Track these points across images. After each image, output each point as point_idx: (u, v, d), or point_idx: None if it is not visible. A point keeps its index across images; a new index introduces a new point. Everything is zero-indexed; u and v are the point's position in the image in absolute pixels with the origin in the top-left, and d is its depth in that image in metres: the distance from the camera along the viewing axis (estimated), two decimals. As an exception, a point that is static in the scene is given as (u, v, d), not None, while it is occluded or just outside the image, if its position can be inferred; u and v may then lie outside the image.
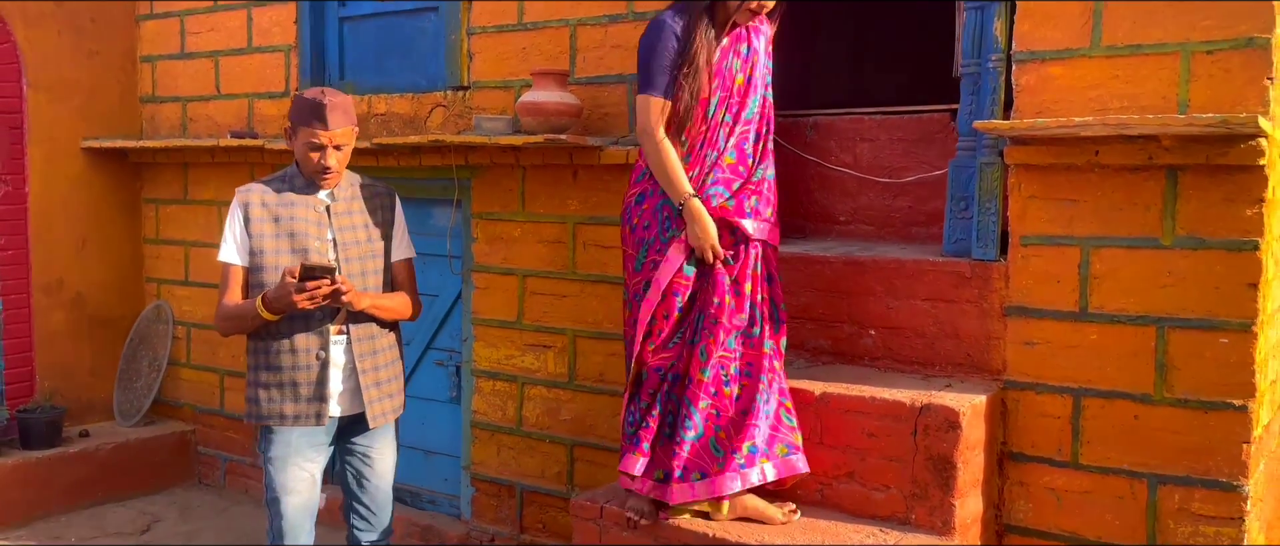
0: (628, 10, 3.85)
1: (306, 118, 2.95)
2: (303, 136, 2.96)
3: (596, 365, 3.99)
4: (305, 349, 2.98)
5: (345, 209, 3.09)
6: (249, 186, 3.07)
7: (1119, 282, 2.93)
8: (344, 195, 3.11)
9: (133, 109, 5.51)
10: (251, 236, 2.99)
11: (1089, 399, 2.99)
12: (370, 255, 3.10)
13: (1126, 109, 2.88)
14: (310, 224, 3.02)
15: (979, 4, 3.16)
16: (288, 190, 3.05)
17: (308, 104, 2.95)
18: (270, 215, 3.00)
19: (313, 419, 3.00)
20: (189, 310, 5.40)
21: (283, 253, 2.98)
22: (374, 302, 3.03)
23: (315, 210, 3.04)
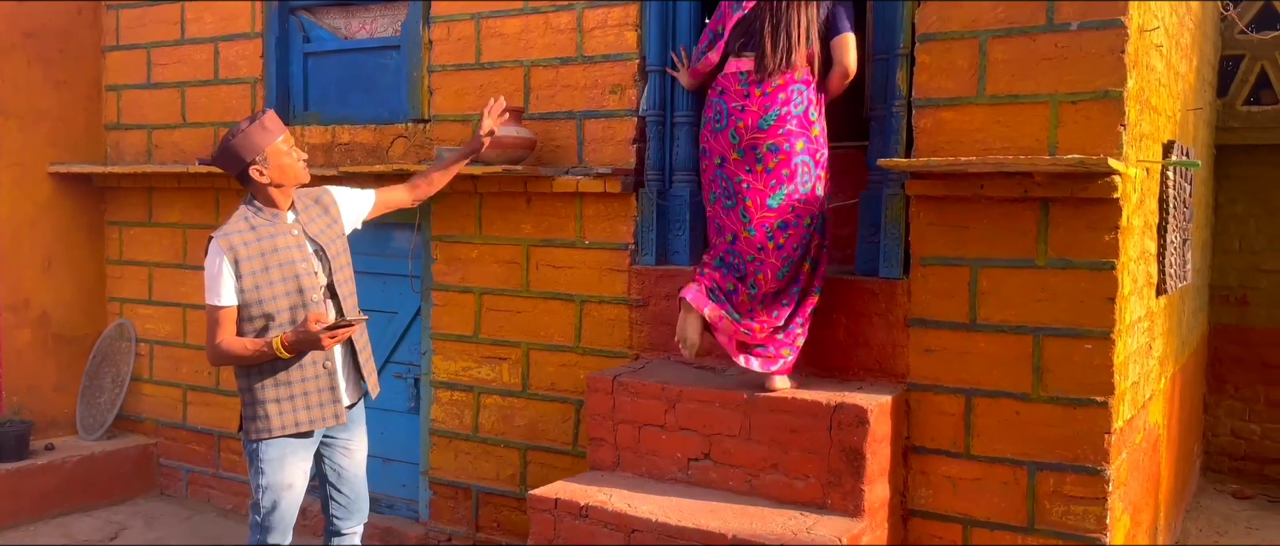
0: (577, 53, 4.26)
1: (269, 136, 3.16)
2: (278, 152, 3.17)
3: (548, 375, 4.37)
4: (313, 361, 3.22)
5: (309, 218, 3.32)
6: (225, 233, 3.17)
7: (1002, 297, 3.41)
8: (301, 207, 3.32)
9: (98, 136, 5.75)
10: (242, 277, 3.13)
11: (978, 398, 3.47)
12: (342, 251, 3.36)
13: (1007, 149, 3.37)
14: (294, 249, 3.23)
15: (885, 57, 3.65)
16: (261, 225, 3.21)
17: (258, 126, 3.16)
18: (257, 254, 3.16)
19: (332, 419, 3.28)
20: (152, 328, 5.64)
21: (277, 284, 3.17)
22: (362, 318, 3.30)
23: (292, 235, 3.25)
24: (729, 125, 3.49)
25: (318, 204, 3.39)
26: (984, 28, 3.40)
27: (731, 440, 3.52)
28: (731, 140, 3.49)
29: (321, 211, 3.38)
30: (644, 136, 4.16)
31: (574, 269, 4.31)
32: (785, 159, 3.44)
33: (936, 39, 3.49)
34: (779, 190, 3.45)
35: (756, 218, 3.47)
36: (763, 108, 3.43)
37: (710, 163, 3.60)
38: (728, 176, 3.53)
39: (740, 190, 3.49)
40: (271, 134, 3.18)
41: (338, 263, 3.33)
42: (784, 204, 3.45)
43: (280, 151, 3.19)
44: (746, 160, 3.47)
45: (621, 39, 4.15)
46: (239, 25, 5.21)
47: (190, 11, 5.39)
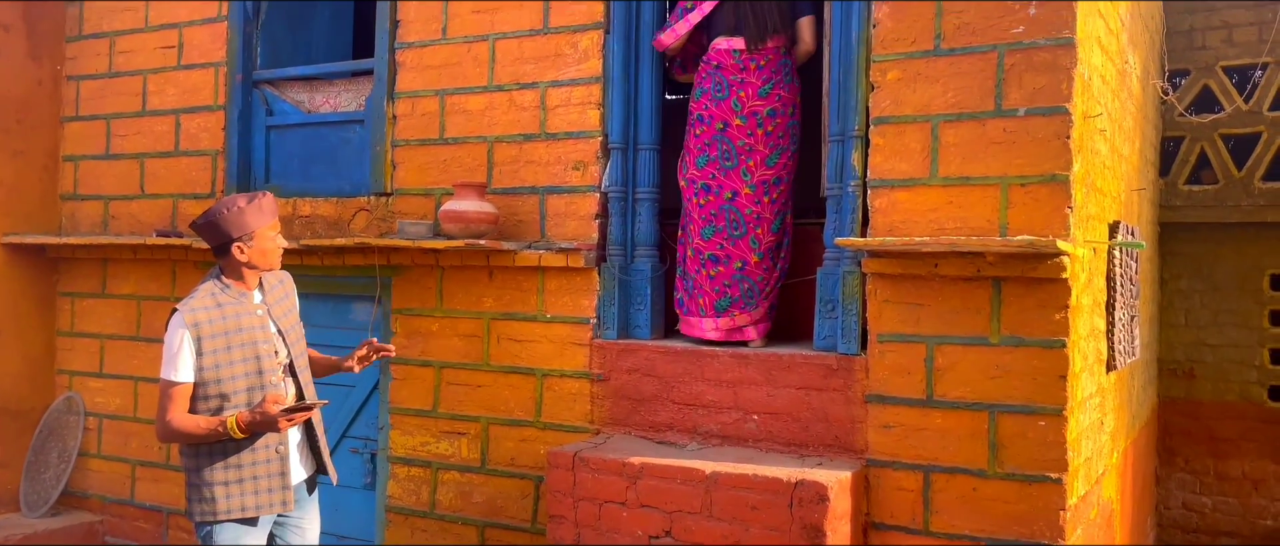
0: (540, 130, 4.32)
1: (263, 218, 3.18)
2: (265, 236, 3.18)
3: (508, 450, 4.34)
4: (265, 444, 3.16)
5: (274, 299, 3.31)
6: (191, 309, 3.12)
7: (958, 374, 3.47)
8: (268, 287, 3.31)
9: (53, 206, 5.69)
10: (203, 354, 3.08)
11: (936, 474, 3.50)
12: (301, 331, 3.37)
13: (960, 229, 3.46)
14: (258, 330, 3.19)
15: (840, 138, 3.75)
16: (227, 303, 3.17)
17: (255, 207, 3.16)
18: (221, 331, 3.12)
19: (279, 506, 3.20)
20: (102, 402, 5.52)
21: (237, 364, 3.13)
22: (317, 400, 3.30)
23: (257, 315, 3.22)
24: (731, 95, 4.01)
25: (282, 285, 3.39)
26: (936, 112, 3.52)
27: (692, 517, 3.51)
28: (734, 107, 4.01)
29: (284, 294, 3.38)
30: (606, 212, 4.21)
31: (535, 343, 4.32)
32: (781, 123, 4.02)
33: (890, 122, 3.60)
34: (776, 151, 4.01)
35: (757, 175, 4.01)
36: (761, 79, 4.00)
37: (709, 129, 4.05)
38: (730, 140, 4.02)
39: (742, 151, 4.01)
40: (266, 217, 3.19)
41: (297, 348, 3.32)
42: (779, 163, 4.02)
43: (267, 236, 3.19)
44: (749, 125, 4.00)
45: (584, 117, 4.22)
46: (202, 98, 5.22)
47: (153, 83, 5.39)
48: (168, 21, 5.36)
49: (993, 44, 3.43)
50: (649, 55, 4.22)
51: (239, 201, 3.16)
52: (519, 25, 4.36)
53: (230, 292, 3.20)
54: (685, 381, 3.97)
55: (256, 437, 3.15)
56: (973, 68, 3.47)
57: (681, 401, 3.98)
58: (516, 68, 4.37)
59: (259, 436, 3.15)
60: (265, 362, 3.18)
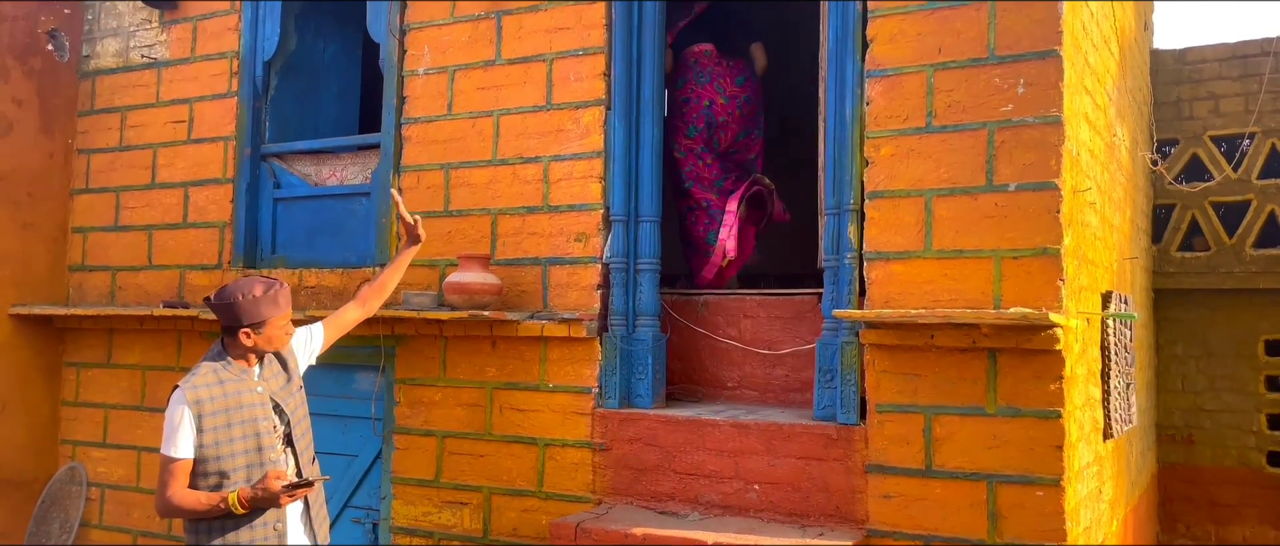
0: (543, 203, 4.42)
1: (277, 311, 3.25)
2: (275, 326, 3.25)
3: (510, 520, 4.35)
4: (263, 521, 3.17)
5: (271, 373, 3.34)
6: (193, 386, 3.16)
7: (956, 444, 3.52)
8: (266, 361, 3.34)
9: (61, 277, 5.77)
10: (203, 431, 3.12)
11: (937, 544, 3.52)
12: (300, 404, 3.39)
13: (955, 301, 3.53)
14: (257, 406, 3.24)
15: (836, 211, 3.84)
16: (229, 381, 3.21)
17: (271, 298, 3.22)
18: (221, 409, 3.16)
19: None
20: (104, 472, 5.54)
21: (237, 441, 3.17)
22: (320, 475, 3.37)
23: (256, 392, 3.26)
24: (713, 82, 4.89)
25: (278, 358, 3.41)
26: (929, 187, 3.61)
27: (695, 588, 3.52)
28: (717, 90, 4.90)
29: (281, 367, 3.40)
30: (608, 282, 4.28)
31: (537, 412, 4.36)
32: (751, 110, 5.02)
33: (885, 196, 3.69)
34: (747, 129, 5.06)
35: (739, 142, 5.05)
36: (734, 73, 4.94)
37: (697, 106, 4.88)
38: (714, 115, 4.90)
39: (729, 125, 4.94)
40: (280, 310, 3.25)
41: (295, 416, 3.35)
42: (748, 138, 5.08)
43: (278, 326, 3.26)
44: (732, 104, 4.91)
45: (587, 190, 4.32)
46: (211, 171, 5.33)
47: (163, 157, 5.51)
48: (179, 96, 5.49)
49: (983, 121, 3.54)
50: (650, 130, 4.33)
51: (256, 289, 3.21)
52: (523, 101, 4.48)
53: (232, 369, 3.25)
54: (686, 451, 4.00)
55: (257, 514, 3.16)
56: (964, 144, 3.57)
57: (683, 471, 4.01)
58: (520, 142, 4.48)
59: (259, 513, 3.16)
60: (265, 440, 3.22)
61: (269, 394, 3.30)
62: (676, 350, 4.53)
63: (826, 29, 3.97)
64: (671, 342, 4.45)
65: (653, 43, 4.34)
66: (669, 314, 4.51)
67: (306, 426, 3.43)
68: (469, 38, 4.64)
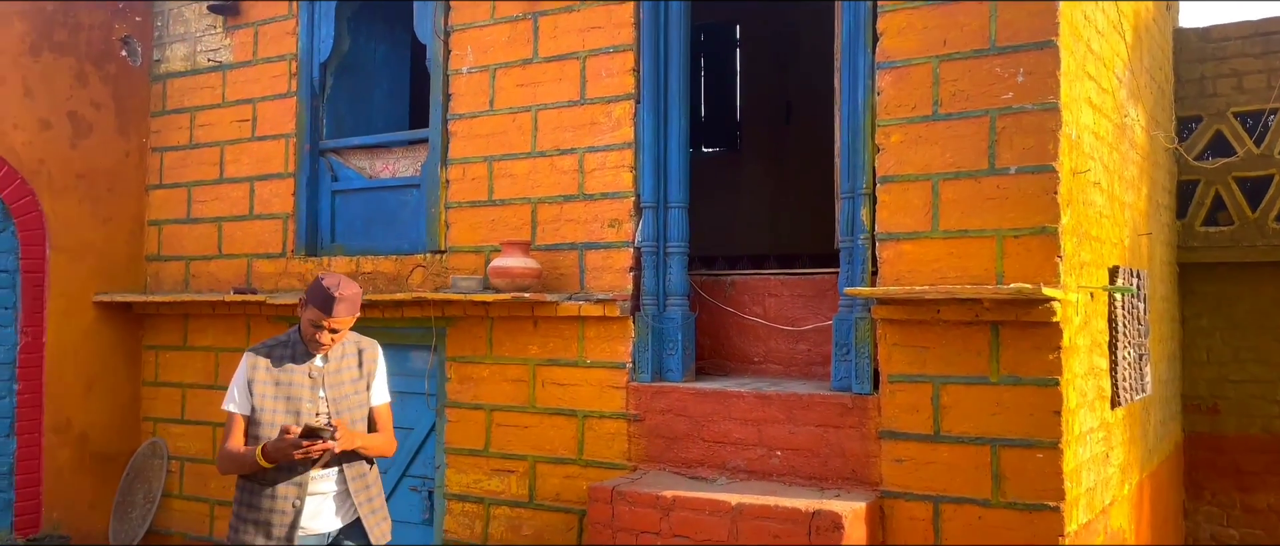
0: (579, 192, 4.73)
1: (318, 301, 3.38)
2: (310, 315, 3.40)
3: (553, 486, 4.70)
4: (284, 496, 3.36)
5: (335, 368, 3.51)
6: (254, 351, 3.48)
7: (962, 411, 3.78)
8: (335, 356, 3.52)
9: (139, 267, 6.24)
10: (253, 395, 3.41)
11: (945, 504, 3.79)
12: (356, 406, 3.54)
13: (960, 278, 3.79)
14: (304, 388, 3.45)
15: (850, 195, 4.10)
16: (287, 357, 3.47)
17: (322, 292, 3.37)
18: (272, 379, 3.43)
19: None
20: (183, 446, 6.00)
21: (279, 412, 3.40)
22: (364, 442, 3.47)
23: (310, 376, 3.47)
24: None
25: (356, 358, 3.57)
26: (936, 171, 3.86)
27: None
28: None
29: (352, 366, 3.56)
30: (640, 265, 4.59)
31: (577, 386, 4.69)
32: None
33: (895, 180, 3.94)
34: None
35: None
36: None
37: None
38: None
39: None
40: (321, 307, 3.37)
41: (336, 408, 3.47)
42: None
43: (313, 320, 3.39)
44: None
45: (619, 179, 4.63)
46: (273, 166, 5.74)
47: (229, 154, 5.93)
48: (243, 97, 5.90)
49: (985, 109, 3.78)
50: (677, 121, 4.62)
51: (322, 281, 3.40)
52: (559, 97, 4.79)
53: (296, 349, 3.50)
54: (714, 420, 4.31)
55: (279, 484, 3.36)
56: (968, 131, 3.81)
57: (711, 439, 4.32)
58: (557, 135, 4.80)
59: (282, 483, 3.36)
60: (303, 418, 3.39)
61: (320, 379, 3.47)
62: (705, 327, 4.83)
63: (840, 24, 4.22)
64: (700, 320, 4.76)
65: (679, 39, 4.62)
66: (698, 293, 4.81)
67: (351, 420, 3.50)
68: (508, 38, 4.96)
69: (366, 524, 3.50)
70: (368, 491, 3.53)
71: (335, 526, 3.49)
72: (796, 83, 8.11)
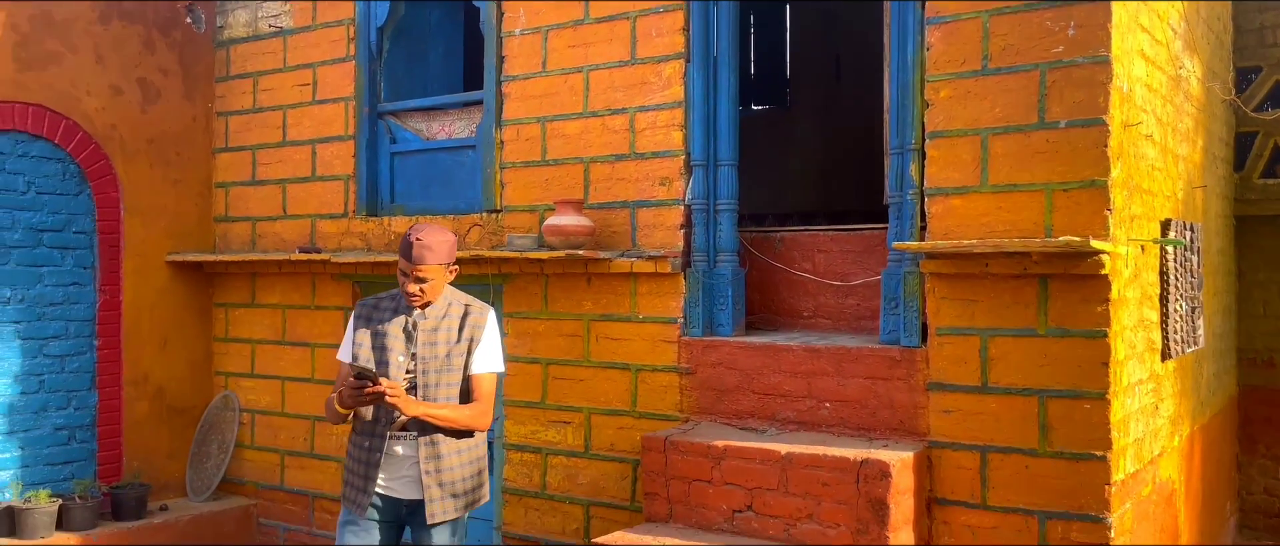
0: (630, 151, 4.83)
1: (402, 249, 3.42)
2: (400, 264, 3.44)
3: (608, 437, 4.86)
4: (368, 447, 3.43)
5: (432, 326, 3.47)
6: (366, 301, 3.59)
7: (1010, 363, 3.84)
8: (435, 315, 3.49)
9: (208, 227, 6.48)
10: (357, 342, 3.49)
11: (992, 454, 3.87)
12: (445, 369, 3.45)
13: (1009, 232, 3.83)
14: (396, 339, 3.46)
15: (900, 151, 4.15)
16: (390, 308, 3.52)
17: (405, 240, 3.41)
18: (371, 330, 3.50)
19: (359, 508, 3.44)
20: (253, 399, 6.27)
21: (371, 361, 3.42)
22: (426, 412, 3.35)
23: (404, 330, 3.48)
24: None
25: (458, 320, 3.50)
26: (985, 126, 3.89)
27: (770, 493, 3.96)
28: None
29: (452, 326, 3.49)
30: (690, 222, 4.69)
31: (630, 341, 4.82)
32: None
33: (944, 136, 3.98)
34: None
35: None
36: None
37: None
38: None
39: None
40: (403, 254, 3.41)
41: (423, 367, 3.44)
42: None
43: (399, 268, 3.45)
44: None
45: (669, 138, 4.71)
46: (334, 129, 5.91)
47: (291, 117, 6.11)
48: (303, 62, 6.06)
49: (1035, 63, 3.79)
50: (727, 80, 4.68)
51: (409, 230, 3.44)
52: (609, 57, 4.87)
53: (399, 303, 3.53)
54: (764, 373, 4.41)
55: (364, 436, 3.44)
56: (1017, 85, 3.83)
57: (761, 391, 4.43)
58: (608, 95, 4.88)
59: (365, 437, 3.43)
60: (391, 369, 3.42)
61: (414, 334, 3.46)
62: (755, 283, 4.92)
63: (889, -20, 4.24)
64: (750, 276, 4.85)
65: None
66: (747, 250, 4.90)
67: (438, 381, 3.45)
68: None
69: (426, 496, 3.39)
70: (437, 461, 3.41)
71: (414, 497, 3.42)
72: (846, 39, 8.09)
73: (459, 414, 3.45)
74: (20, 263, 5.55)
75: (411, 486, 3.42)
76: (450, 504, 3.44)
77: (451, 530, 3.51)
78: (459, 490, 3.46)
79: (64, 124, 5.73)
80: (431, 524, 3.41)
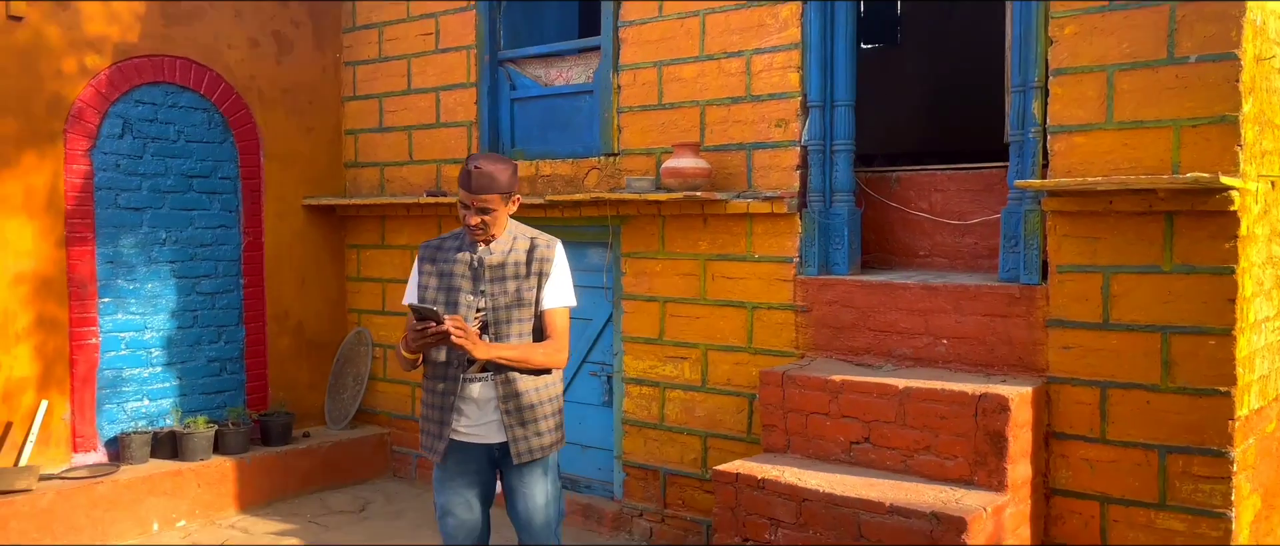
0: (746, 93, 4.92)
1: (461, 179, 3.27)
2: (459, 196, 3.28)
3: (724, 372, 5.03)
4: (442, 391, 3.30)
5: (498, 262, 3.30)
6: (429, 243, 3.44)
7: (1132, 300, 3.85)
8: (501, 250, 3.32)
9: (339, 173, 6.83)
10: (423, 285, 3.36)
11: (1112, 389, 3.91)
12: (515, 305, 3.29)
13: (1134, 169, 3.82)
14: (462, 278, 3.31)
15: (1022, 89, 4.15)
16: (454, 247, 3.37)
17: (464, 168, 3.25)
18: (436, 269, 3.36)
19: (435, 455, 3.34)
20: (384, 335, 6.65)
21: (439, 304, 3.28)
22: (498, 354, 3.20)
23: (469, 266, 3.32)
24: None
25: (525, 255, 3.34)
26: (1111, 62, 3.86)
27: (888, 426, 4.08)
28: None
29: (520, 262, 3.33)
30: (806, 163, 4.78)
31: (745, 280, 4.97)
32: None
33: (1068, 73, 3.97)
34: None
35: None
36: None
37: None
38: None
39: None
40: (461, 183, 3.28)
41: (493, 304, 3.30)
42: None
43: (463, 206, 3.29)
44: None
45: (785, 79, 4.78)
46: (456, 77, 6.14)
47: (415, 66, 6.37)
48: (426, 12, 6.30)
49: (1165, -3, 3.74)
50: (844, 19, 4.72)
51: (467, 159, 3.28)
52: (725, 0, 4.95)
53: (463, 240, 3.38)
54: (880, 311, 4.51)
55: (437, 381, 3.32)
56: (1146, 20, 3.78)
57: (876, 328, 4.53)
58: (724, 38, 4.97)
59: (439, 381, 3.31)
60: (463, 311, 3.26)
61: (481, 271, 3.30)
62: (870, 223, 5.00)
63: (1013, -85, 4.20)
64: (866, 216, 4.92)
65: (845, -63, 4.69)
66: (863, 190, 4.97)
67: (509, 318, 3.31)
68: (676, -56, 5.13)
69: (510, 436, 3.29)
70: (516, 399, 3.28)
71: (499, 440, 3.32)
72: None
73: (532, 353, 3.29)
74: (174, 207, 5.98)
75: (494, 429, 3.29)
76: (536, 441, 3.32)
77: (542, 468, 3.38)
78: (542, 428, 3.33)
79: (208, 75, 6.11)
80: (519, 462, 3.31)
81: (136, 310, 5.80)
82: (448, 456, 3.34)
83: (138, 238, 5.80)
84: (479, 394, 3.28)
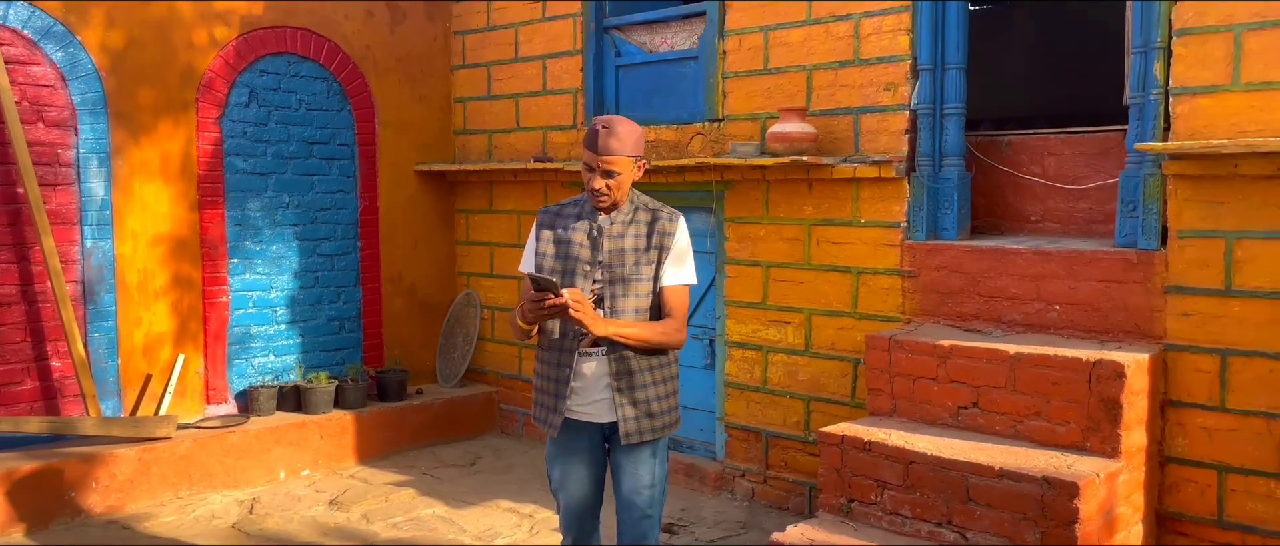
0: (854, 57, 4.90)
1: (587, 140, 3.09)
2: (584, 157, 3.12)
3: (828, 336, 5.07)
4: (557, 364, 3.15)
5: (619, 232, 3.15)
6: (547, 209, 3.28)
7: (1257, 266, 3.75)
8: (622, 220, 3.16)
9: (448, 140, 7.03)
10: (539, 253, 3.21)
11: (1233, 357, 3.83)
12: (634, 279, 3.13)
13: (1261, 131, 3.70)
14: (581, 247, 3.15)
15: (1143, 50, 4.05)
16: (573, 214, 3.22)
17: (590, 128, 3.09)
18: (554, 236, 3.20)
19: (551, 429, 3.20)
20: (492, 297, 6.85)
21: (556, 272, 3.15)
22: (616, 331, 3.04)
23: (588, 235, 3.16)
24: None
25: (645, 226, 3.18)
26: (1239, 22, 3.74)
27: (997, 391, 4.07)
28: None
29: (639, 233, 3.17)
30: (915, 127, 4.74)
31: (851, 245, 4.98)
32: None
33: (1193, 33, 3.86)
34: None
35: None
36: None
37: None
38: None
39: None
40: (588, 144, 3.12)
41: (610, 277, 3.15)
42: None
43: (584, 161, 3.15)
44: None
45: (895, 43, 4.75)
46: (563, 44, 6.25)
47: (522, 35, 6.50)
48: (532, -19, 6.42)
49: (1301, -48, 3.60)
50: (955, -18, 4.66)
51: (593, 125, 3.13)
52: (834, -36, 4.94)
53: (583, 208, 3.22)
54: (990, 276, 4.48)
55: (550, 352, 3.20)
56: (1279, -24, 3.65)
57: (986, 294, 4.50)
58: (832, 3, 4.95)
59: (552, 352, 3.19)
60: (579, 282, 3.13)
61: (600, 240, 3.16)
62: (980, 188, 4.94)
63: None
64: (975, 181, 4.87)
65: (959, -103, 4.61)
66: (973, 154, 4.91)
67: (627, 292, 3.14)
68: (784, -92, 5.12)
69: (619, 415, 3.12)
70: (629, 377, 3.12)
71: (610, 419, 3.16)
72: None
73: (650, 331, 3.11)
74: (296, 172, 6.26)
75: (605, 408, 3.14)
76: (646, 424, 3.14)
77: (651, 451, 3.20)
78: (654, 410, 3.16)
79: (327, 45, 6.35)
80: (627, 443, 3.15)
81: (262, 270, 6.12)
82: (561, 431, 3.23)
83: (263, 201, 6.10)
84: (591, 370, 3.13)
